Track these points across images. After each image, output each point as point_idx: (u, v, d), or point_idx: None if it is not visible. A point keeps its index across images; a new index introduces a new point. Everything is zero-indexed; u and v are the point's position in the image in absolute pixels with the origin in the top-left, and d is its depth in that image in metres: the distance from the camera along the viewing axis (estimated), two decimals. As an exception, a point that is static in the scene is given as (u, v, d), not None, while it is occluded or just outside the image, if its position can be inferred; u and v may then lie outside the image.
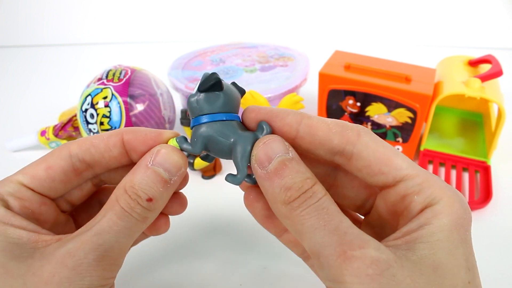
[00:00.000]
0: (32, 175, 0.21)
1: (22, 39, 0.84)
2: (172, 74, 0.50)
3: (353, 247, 0.16)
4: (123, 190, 0.20)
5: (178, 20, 0.82)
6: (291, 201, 0.18)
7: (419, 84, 0.41)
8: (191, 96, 0.21)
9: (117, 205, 0.20)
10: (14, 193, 0.20)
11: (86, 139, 0.22)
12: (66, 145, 0.22)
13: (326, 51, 0.51)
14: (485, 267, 0.33)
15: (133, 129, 0.22)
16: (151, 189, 0.20)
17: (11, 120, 0.56)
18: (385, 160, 0.19)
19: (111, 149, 0.22)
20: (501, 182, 0.42)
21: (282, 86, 0.47)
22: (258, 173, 0.19)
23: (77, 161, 0.21)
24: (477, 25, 0.76)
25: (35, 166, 0.21)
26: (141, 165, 0.21)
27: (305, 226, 0.17)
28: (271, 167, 0.18)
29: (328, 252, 0.16)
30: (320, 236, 0.17)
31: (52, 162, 0.21)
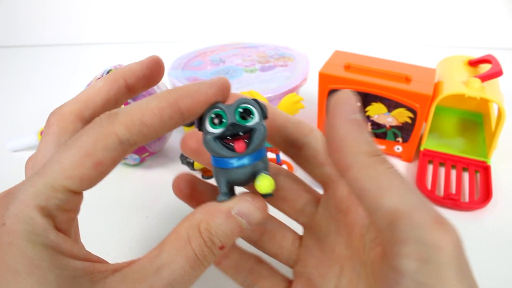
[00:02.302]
0: (80, 178, 0.16)
1: (22, 39, 0.84)
2: (172, 74, 0.50)
3: (441, 217, 0.15)
4: (197, 231, 0.17)
5: (178, 20, 0.82)
6: (378, 154, 0.17)
7: (419, 84, 0.41)
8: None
9: (190, 250, 0.17)
10: (63, 205, 0.16)
11: (133, 116, 0.17)
12: (109, 127, 0.16)
13: (326, 51, 0.50)
14: (485, 267, 0.33)
15: (187, 92, 0.18)
16: (227, 238, 0.18)
17: (11, 120, 0.56)
18: None
19: (166, 123, 0.17)
20: (501, 182, 0.42)
21: (282, 86, 0.47)
22: (343, 113, 0.17)
23: (128, 147, 0.17)
24: (477, 25, 0.76)
25: (80, 163, 0.16)
26: (222, 210, 0.18)
27: (393, 183, 0.16)
28: (356, 117, 0.17)
29: (423, 214, 0.15)
30: (411, 197, 0.16)
31: (101, 156, 0.16)
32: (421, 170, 0.43)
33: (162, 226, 0.37)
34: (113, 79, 0.21)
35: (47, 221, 0.15)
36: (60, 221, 0.16)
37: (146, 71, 0.22)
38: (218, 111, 0.18)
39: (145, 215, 0.39)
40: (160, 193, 0.41)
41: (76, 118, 0.19)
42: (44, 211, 0.15)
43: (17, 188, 0.16)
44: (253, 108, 0.18)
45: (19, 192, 0.16)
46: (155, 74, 0.22)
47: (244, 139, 0.18)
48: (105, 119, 0.17)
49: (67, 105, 0.20)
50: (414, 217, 0.15)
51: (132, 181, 0.43)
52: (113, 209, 0.39)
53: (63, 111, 0.20)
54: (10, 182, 0.47)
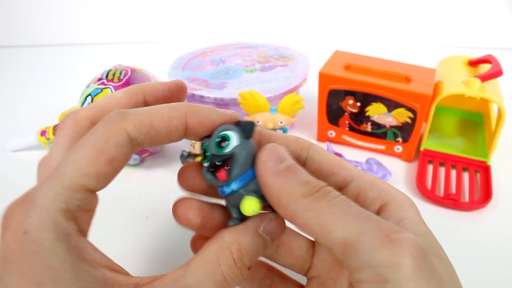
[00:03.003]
0: (96, 174, 0.16)
1: (22, 39, 0.84)
2: (172, 74, 0.50)
3: (394, 231, 0.15)
4: (229, 252, 0.17)
5: (178, 20, 0.82)
6: (314, 192, 0.17)
7: (419, 84, 0.41)
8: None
9: (219, 272, 0.17)
10: (83, 205, 0.16)
11: (143, 117, 0.17)
12: (120, 124, 0.17)
13: (326, 51, 0.51)
14: (485, 267, 0.33)
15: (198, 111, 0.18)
16: (255, 257, 0.18)
17: (11, 120, 0.56)
18: (336, 162, 0.21)
19: (172, 133, 0.18)
20: (501, 182, 0.42)
21: (282, 86, 0.47)
22: (269, 171, 0.18)
23: (137, 146, 0.17)
24: (477, 25, 0.76)
25: (95, 160, 0.16)
26: (250, 228, 0.18)
27: (337, 215, 0.16)
28: (283, 165, 0.18)
29: (370, 237, 0.15)
30: (357, 222, 0.16)
31: (113, 152, 0.16)
32: (421, 170, 0.43)
33: (162, 226, 0.37)
34: (132, 92, 0.21)
35: (70, 225, 0.15)
36: (82, 223, 0.16)
37: (167, 93, 0.21)
38: (204, 146, 0.19)
39: (145, 215, 0.39)
40: (160, 193, 0.41)
41: (90, 124, 0.19)
42: (67, 214, 0.15)
43: (34, 193, 0.15)
44: (228, 133, 0.19)
45: (37, 197, 0.15)
46: (176, 98, 0.22)
47: (225, 166, 0.18)
48: (115, 117, 0.17)
49: (82, 110, 0.20)
50: (361, 242, 0.15)
51: (132, 181, 0.43)
52: (113, 209, 0.39)
53: (77, 116, 0.19)
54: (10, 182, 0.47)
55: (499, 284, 0.32)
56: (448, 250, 0.18)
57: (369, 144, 0.46)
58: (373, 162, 0.42)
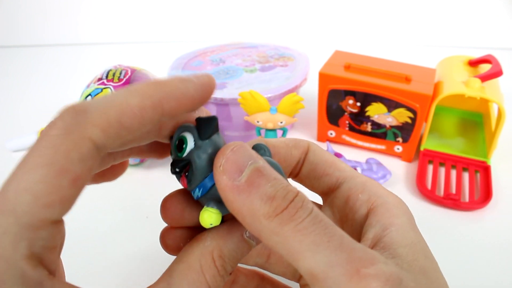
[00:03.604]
0: (60, 201, 0.13)
1: (22, 39, 0.84)
2: (172, 74, 0.50)
3: (364, 264, 0.14)
4: (211, 260, 0.16)
5: (178, 20, 0.82)
6: (279, 213, 0.14)
7: (419, 84, 0.41)
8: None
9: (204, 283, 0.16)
10: (49, 244, 0.13)
11: (110, 116, 0.14)
12: (81, 131, 0.13)
13: (326, 51, 0.51)
14: (485, 267, 0.33)
15: (173, 91, 0.15)
16: (237, 262, 0.17)
17: (11, 120, 0.56)
18: (330, 162, 0.21)
19: (145, 125, 0.15)
20: (501, 182, 0.42)
21: (282, 86, 0.47)
22: (228, 187, 0.15)
23: (105, 154, 0.14)
24: (477, 25, 0.76)
25: (55, 184, 0.13)
26: (234, 232, 0.17)
27: (303, 244, 0.14)
28: (244, 177, 0.15)
29: (338, 272, 0.14)
30: (325, 254, 0.14)
31: (78, 170, 0.13)
32: (421, 170, 0.43)
33: (162, 226, 0.37)
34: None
35: (38, 272, 0.13)
36: (50, 264, 0.13)
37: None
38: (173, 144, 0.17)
39: (145, 215, 0.39)
40: (160, 193, 0.41)
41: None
42: (32, 260, 0.12)
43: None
44: (185, 135, 0.16)
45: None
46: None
47: (186, 172, 0.17)
48: (71, 119, 0.13)
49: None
50: (328, 279, 0.14)
51: (132, 181, 0.43)
52: (113, 209, 0.39)
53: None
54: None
55: (499, 284, 0.32)
56: (448, 250, 0.18)
57: (369, 144, 0.46)
58: (373, 162, 0.42)
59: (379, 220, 0.18)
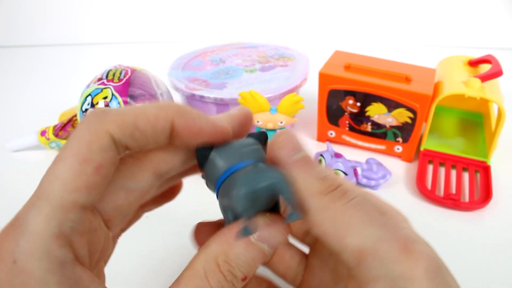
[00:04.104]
0: (86, 187, 0.14)
1: (22, 39, 0.84)
2: (172, 74, 0.50)
3: (412, 242, 0.15)
4: (215, 265, 0.16)
5: (178, 20, 0.82)
6: (331, 190, 0.16)
7: (419, 84, 0.41)
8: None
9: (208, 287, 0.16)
10: (78, 227, 0.14)
11: (126, 116, 0.15)
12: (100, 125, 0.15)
13: (326, 51, 0.50)
14: (485, 267, 0.33)
15: (186, 113, 0.17)
16: (249, 268, 0.16)
17: (11, 120, 0.56)
18: None
19: (158, 135, 0.16)
20: (501, 182, 0.42)
21: (282, 86, 0.47)
22: (284, 159, 0.16)
23: (121, 148, 0.16)
24: (477, 25, 0.76)
25: (81, 171, 0.14)
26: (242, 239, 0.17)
27: (353, 219, 0.15)
28: (299, 156, 0.16)
29: (387, 247, 0.15)
30: (375, 229, 0.15)
31: (99, 159, 0.15)
32: (421, 170, 0.43)
33: (162, 226, 0.37)
34: None
35: (64, 252, 0.14)
36: (78, 247, 0.14)
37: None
38: None
39: (145, 215, 0.39)
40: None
41: None
42: (60, 239, 0.14)
43: (22, 216, 0.14)
44: None
45: (27, 221, 0.14)
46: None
47: None
48: (93, 118, 0.15)
49: None
50: (379, 252, 0.15)
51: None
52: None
53: None
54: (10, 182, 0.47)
55: (499, 284, 0.32)
56: (448, 250, 0.18)
57: (369, 144, 0.46)
58: (373, 162, 0.42)
59: None
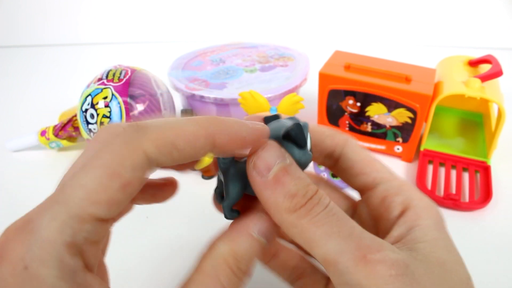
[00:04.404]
0: (108, 202, 0.14)
1: (22, 39, 0.84)
2: (172, 74, 0.50)
3: (371, 251, 0.16)
4: (223, 262, 0.17)
5: (178, 20, 0.82)
6: (298, 208, 0.17)
7: (419, 84, 0.41)
8: None
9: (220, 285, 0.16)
10: (91, 237, 0.14)
11: (165, 135, 0.15)
12: (137, 143, 0.15)
13: (326, 51, 0.50)
14: (485, 267, 0.33)
15: (227, 128, 0.17)
16: (252, 262, 0.18)
17: (11, 120, 0.56)
18: (367, 162, 0.21)
19: (197, 153, 0.16)
20: (501, 182, 0.42)
21: (282, 86, 0.47)
22: (257, 182, 0.17)
23: (155, 166, 0.15)
24: (477, 25, 0.76)
25: (106, 185, 0.14)
26: (242, 232, 0.18)
27: (317, 234, 0.16)
28: (271, 175, 0.17)
29: (347, 258, 0.16)
30: (336, 242, 0.16)
31: (128, 177, 0.14)
32: (421, 170, 0.43)
33: (162, 226, 0.37)
34: None
35: (76, 261, 0.14)
36: (89, 257, 0.14)
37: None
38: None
39: (145, 215, 0.39)
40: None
41: None
42: (73, 248, 0.14)
43: (36, 220, 0.14)
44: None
45: (40, 226, 0.13)
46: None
47: None
48: (132, 132, 0.15)
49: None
50: (338, 264, 0.16)
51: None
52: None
53: None
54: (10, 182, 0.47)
55: (499, 284, 0.32)
56: (448, 250, 0.18)
57: (369, 144, 0.46)
58: (373, 162, 0.42)
59: (406, 221, 0.19)
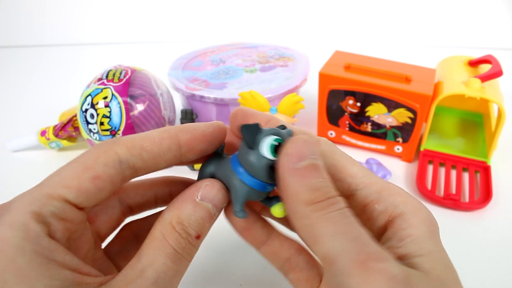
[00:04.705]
0: (77, 188, 0.17)
1: (22, 39, 0.84)
2: (172, 74, 0.50)
3: (374, 259, 0.15)
4: (171, 227, 0.18)
5: (178, 20, 0.82)
6: (315, 202, 0.17)
7: (419, 84, 0.41)
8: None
9: (168, 246, 0.17)
10: (58, 213, 0.16)
11: (135, 140, 0.18)
12: (111, 146, 0.18)
13: (326, 51, 0.51)
14: (485, 268, 0.33)
15: (188, 128, 0.20)
16: (200, 226, 0.18)
17: (11, 120, 0.56)
18: (340, 167, 0.20)
19: (165, 153, 0.19)
20: (501, 182, 0.42)
21: (282, 86, 0.47)
22: (285, 167, 0.17)
23: (127, 168, 0.18)
24: (477, 25, 0.76)
25: (79, 175, 0.17)
26: (187, 199, 0.19)
27: (325, 229, 0.16)
28: (303, 164, 0.17)
29: (347, 259, 0.15)
30: (340, 242, 0.16)
31: (100, 171, 0.17)
32: (421, 170, 0.43)
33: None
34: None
35: (40, 227, 0.15)
36: (55, 229, 0.16)
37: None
38: (279, 140, 0.18)
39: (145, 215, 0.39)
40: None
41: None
42: (38, 217, 0.16)
43: (14, 198, 0.17)
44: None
45: (15, 201, 0.16)
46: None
47: None
48: (106, 141, 0.18)
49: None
50: (337, 263, 0.15)
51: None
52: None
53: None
54: (10, 182, 0.47)
55: (499, 284, 0.32)
56: (448, 251, 0.18)
57: (369, 144, 0.46)
58: (373, 162, 0.42)
59: (395, 232, 0.18)
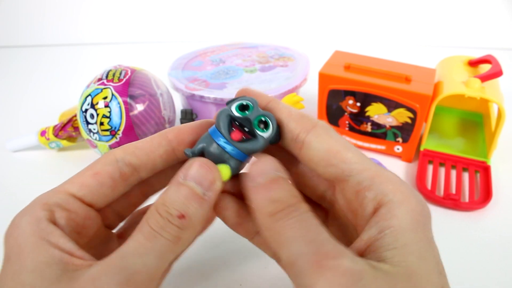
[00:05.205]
0: (80, 183, 0.20)
1: (22, 39, 0.84)
2: (172, 74, 0.50)
3: (327, 257, 0.16)
4: (153, 210, 0.19)
5: (178, 20, 0.82)
6: (276, 212, 0.18)
7: (419, 84, 0.41)
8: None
9: (146, 225, 0.18)
10: (62, 203, 0.19)
11: (130, 144, 0.21)
12: (110, 152, 0.21)
13: (326, 51, 0.51)
14: (485, 268, 0.33)
15: (176, 126, 0.22)
16: (183, 206, 0.18)
17: (11, 120, 0.56)
18: (334, 152, 0.19)
19: (156, 148, 0.21)
20: (501, 182, 0.42)
21: (282, 86, 0.47)
22: (248, 186, 0.19)
23: (124, 165, 0.21)
24: (477, 25, 0.76)
25: (82, 174, 0.20)
26: (173, 182, 0.19)
27: (284, 237, 0.17)
28: (262, 180, 0.19)
29: (303, 261, 0.16)
30: (298, 246, 0.17)
31: (99, 168, 0.20)
32: (421, 170, 0.43)
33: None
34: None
35: (43, 214, 0.19)
36: (59, 216, 0.19)
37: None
38: (249, 104, 0.20)
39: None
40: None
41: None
42: (45, 206, 0.19)
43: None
44: (270, 125, 0.20)
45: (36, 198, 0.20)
46: None
47: (244, 135, 0.20)
48: (110, 150, 0.22)
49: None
50: (296, 266, 0.17)
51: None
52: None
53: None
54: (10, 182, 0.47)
55: (500, 284, 0.32)
56: (448, 251, 0.18)
57: (369, 144, 0.46)
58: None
59: (377, 221, 0.18)
